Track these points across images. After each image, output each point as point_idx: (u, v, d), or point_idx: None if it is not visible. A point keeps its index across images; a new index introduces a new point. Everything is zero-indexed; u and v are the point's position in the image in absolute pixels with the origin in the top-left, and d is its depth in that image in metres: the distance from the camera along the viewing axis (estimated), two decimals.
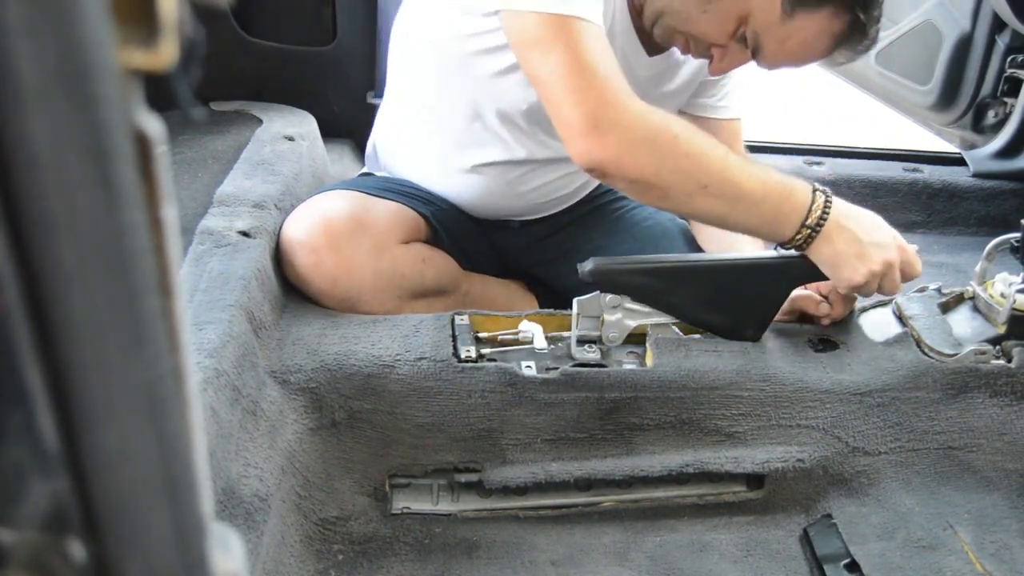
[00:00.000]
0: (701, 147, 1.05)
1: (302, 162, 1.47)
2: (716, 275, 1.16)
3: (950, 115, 1.96)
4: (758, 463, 1.13)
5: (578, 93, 1.01)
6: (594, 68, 1.01)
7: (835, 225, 1.10)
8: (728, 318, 1.18)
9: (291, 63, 1.82)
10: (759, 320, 1.19)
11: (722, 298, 1.17)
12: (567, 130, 1.04)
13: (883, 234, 1.13)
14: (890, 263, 1.12)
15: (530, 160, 1.31)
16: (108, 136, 0.24)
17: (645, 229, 1.43)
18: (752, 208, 1.08)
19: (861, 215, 1.13)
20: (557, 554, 1.07)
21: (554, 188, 1.38)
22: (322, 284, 1.20)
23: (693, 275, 1.16)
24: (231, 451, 0.90)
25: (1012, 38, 1.84)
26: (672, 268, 1.15)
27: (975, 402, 1.18)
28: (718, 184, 1.05)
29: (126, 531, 0.27)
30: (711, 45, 1.17)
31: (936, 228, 1.94)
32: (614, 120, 1.02)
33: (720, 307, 1.17)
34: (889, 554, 1.07)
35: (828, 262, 1.12)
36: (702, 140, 1.07)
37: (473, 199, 1.36)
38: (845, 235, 1.10)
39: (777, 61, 1.17)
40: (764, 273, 1.17)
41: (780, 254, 1.16)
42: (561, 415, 1.10)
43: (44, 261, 0.24)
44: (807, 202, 1.09)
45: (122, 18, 0.24)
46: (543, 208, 1.42)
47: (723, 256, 1.21)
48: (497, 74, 1.21)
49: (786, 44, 1.13)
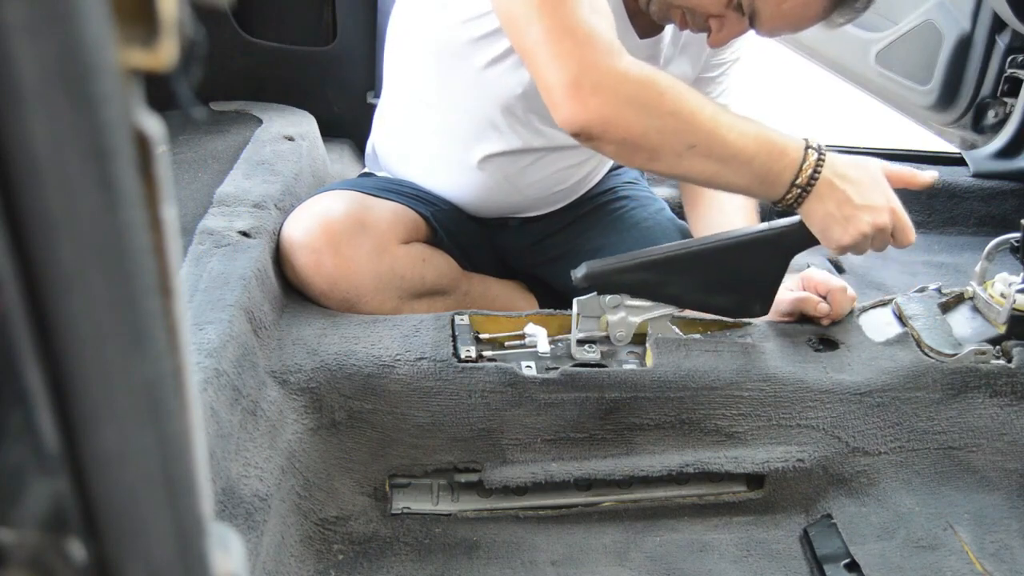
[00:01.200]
0: (689, 105, 1.01)
1: (302, 162, 1.47)
2: (708, 259, 1.14)
3: (950, 115, 1.96)
4: (758, 463, 1.13)
5: (560, 58, 0.99)
6: (576, 30, 0.98)
7: (827, 184, 1.06)
8: (732, 298, 1.16)
9: (291, 63, 1.82)
10: (763, 295, 1.16)
11: (720, 280, 1.15)
12: (550, 95, 1.01)
13: (877, 195, 1.08)
14: (880, 227, 1.08)
15: (528, 150, 1.31)
16: (108, 136, 0.24)
17: (645, 229, 1.43)
18: (743, 167, 1.04)
19: (858, 171, 1.08)
20: (557, 554, 1.07)
21: (554, 182, 1.38)
22: (322, 285, 1.20)
23: (686, 263, 1.14)
24: (231, 451, 0.90)
25: (1012, 38, 1.84)
26: (664, 259, 1.13)
27: (975, 402, 1.18)
28: (707, 143, 1.02)
29: (126, 531, 0.27)
30: (708, 16, 1.15)
31: (936, 228, 1.94)
32: (597, 81, 0.98)
33: (721, 289, 1.16)
34: (889, 554, 1.07)
35: (818, 223, 1.08)
36: (690, 97, 1.02)
37: (473, 195, 1.36)
38: (837, 195, 1.06)
39: (775, 26, 1.15)
40: (756, 249, 1.14)
41: (769, 226, 1.14)
42: (561, 415, 1.10)
43: (44, 261, 0.24)
44: (799, 160, 1.05)
45: (122, 18, 0.25)
46: (543, 204, 1.42)
47: (712, 239, 1.17)
48: (493, 61, 1.21)
49: (782, 7, 1.11)
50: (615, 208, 1.49)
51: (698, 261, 1.14)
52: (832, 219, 1.07)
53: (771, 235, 1.14)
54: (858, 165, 1.09)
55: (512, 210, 1.42)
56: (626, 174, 1.55)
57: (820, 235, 1.10)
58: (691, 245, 1.17)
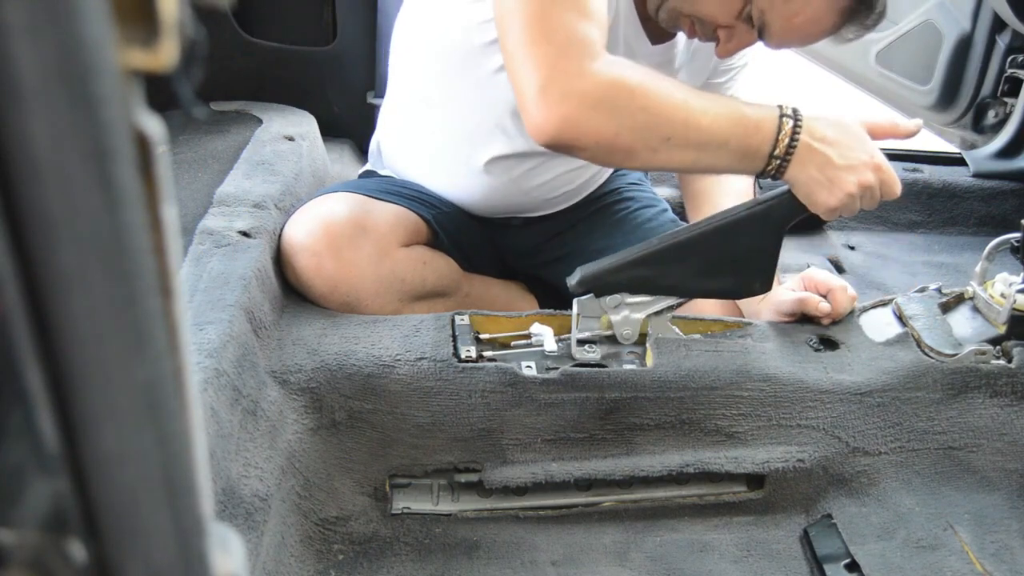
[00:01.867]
0: (660, 96, 1.00)
1: (302, 162, 1.47)
2: (700, 244, 1.13)
3: (950, 115, 1.96)
4: (758, 463, 1.13)
5: (532, 65, 0.98)
6: (554, 35, 0.97)
7: (806, 149, 1.05)
8: (731, 280, 1.16)
9: (291, 63, 1.82)
10: (763, 272, 1.16)
11: (716, 264, 1.14)
12: (521, 103, 1.00)
13: (859, 153, 1.07)
14: (866, 185, 1.07)
15: (535, 153, 1.31)
16: (108, 136, 0.24)
17: (648, 230, 1.43)
18: (720, 149, 1.03)
19: (837, 131, 1.07)
20: (557, 554, 1.07)
21: (559, 184, 1.38)
22: (323, 288, 1.20)
23: (678, 252, 1.13)
24: (231, 451, 0.90)
25: (1012, 38, 1.84)
26: (655, 253, 1.13)
27: (975, 402, 1.18)
28: (682, 133, 1.01)
29: (126, 531, 0.27)
30: (717, 26, 1.15)
31: (936, 228, 1.94)
32: (564, 89, 0.97)
33: (717, 273, 1.15)
34: (889, 554, 1.07)
35: (803, 189, 1.08)
36: (660, 87, 1.00)
37: (478, 197, 1.36)
38: (817, 159, 1.05)
39: (784, 39, 1.15)
40: (747, 226, 1.13)
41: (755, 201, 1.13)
42: (561, 415, 1.10)
43: (44, 261, 0.24)
44: (774, 131, 1.04)
45: (122, 18, 0.24)
46: (547, 205, 1.42)
47: (701, 224, 1.15)
48: (501, 67, 1.21)
49: (793, 21, 1.11)
50: (619, 209, 1.49)
51: (690, 248, 1.13)
52: (816, 183, 1.06)
53: (759, 211, 1.12)
54: (837, 124, 1.07)
55: (516, 211, 1.42)
56: (630, 175, 1.55)
57: (807, 200, 1.08)
58: (680, 234, 1.15)
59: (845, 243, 1.84)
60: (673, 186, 1.83)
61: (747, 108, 1.05)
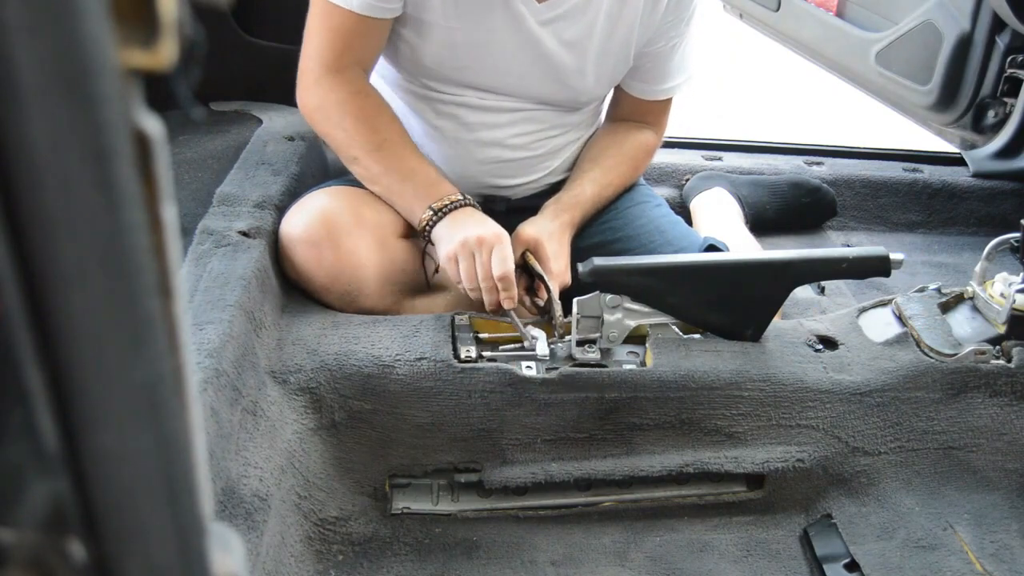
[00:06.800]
0: (363, 128, 1.24)
1: (302, 162, 1.47)
2: (716, 275, 1.16)
3: (950, 115, 1.96)
4: (758, 463, 1.13)
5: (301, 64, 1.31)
6: (306, 50, 1.30)
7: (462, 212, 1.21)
8: (728, 318, 1.18)
9: (291, 63, 1.82)
10: (758, 321, 1.19)
11: (722, 298, 1.17)
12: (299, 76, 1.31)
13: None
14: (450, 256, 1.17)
15: (459, 104, 1.31)
16: (108, 136, 0.24)
17: (639, 227, 1.42)
18: (392, 190, 1.25)
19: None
20: (557, 554, 1.07)
21: (507, 149, 1.35)
22: (323, 279, 1.20)
23: (693, 275, 1.15)
24: (231, 451, 0.90)
25: (1012, 38, 1.83)
26: (672, 268, 1.15)
27: (975, 402, 1.18)
28: (365, 162, 1.25)
29: (126, 531, 0.27)
30: None
31: (936, 228, 1.94)
32: (303, 99, 1.30)
33: (720, 307, 1.17)
34: (889, 554, 1.07)
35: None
36: (373, 123, 1.25)
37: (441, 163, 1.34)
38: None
39: None
40: (764, 273, 1.17)
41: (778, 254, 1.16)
42: (561, 415, 1.10)
43: (44, 261, 0.24)
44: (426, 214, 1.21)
45: (122, 18, 0.25)
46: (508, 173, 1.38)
47: (723, 257, 1.21)
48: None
49: None
50: (613, 207, 1.48)
51: (704, 276, 1.16)
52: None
53: (780, 263, 1.17)
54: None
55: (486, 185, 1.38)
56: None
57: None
58: (700, 260, 1.20)
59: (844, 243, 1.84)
60: (673, 186, 1.83)
61: (427, 181, 1.25)
